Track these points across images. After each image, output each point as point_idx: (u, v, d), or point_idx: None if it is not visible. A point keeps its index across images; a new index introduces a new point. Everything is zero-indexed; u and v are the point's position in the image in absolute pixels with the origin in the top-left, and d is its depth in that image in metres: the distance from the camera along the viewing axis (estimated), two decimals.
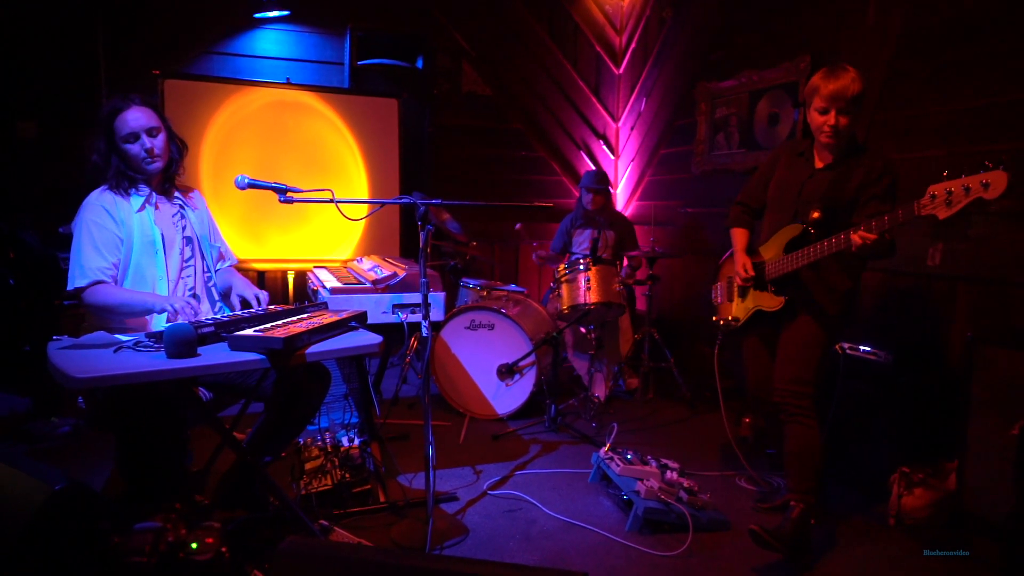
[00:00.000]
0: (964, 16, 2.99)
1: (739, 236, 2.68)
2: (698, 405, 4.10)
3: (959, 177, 1.95)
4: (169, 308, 2.11)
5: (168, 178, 2.40)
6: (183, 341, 1.71)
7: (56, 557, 1.44)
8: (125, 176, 2.26)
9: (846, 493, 2.88)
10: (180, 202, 2.41)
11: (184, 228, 2.39)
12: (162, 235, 2.31)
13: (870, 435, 2.87)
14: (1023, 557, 2.21)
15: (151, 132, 2.26)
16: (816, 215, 2.37)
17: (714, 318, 2.82)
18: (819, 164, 2.46)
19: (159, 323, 2.19)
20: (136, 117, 2.23)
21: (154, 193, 2.34)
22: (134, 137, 2.23)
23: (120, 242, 2.24)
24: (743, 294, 2.65)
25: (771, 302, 2.49)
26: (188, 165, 2.52)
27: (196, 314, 2.15)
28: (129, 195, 2.28)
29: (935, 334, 3.09)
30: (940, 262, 3.05)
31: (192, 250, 2.41)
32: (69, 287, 2.18)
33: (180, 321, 1.95)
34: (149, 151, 2.25)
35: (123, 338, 1.85)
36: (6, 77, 4.07)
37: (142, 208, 2.29)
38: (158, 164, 2.29)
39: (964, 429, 2.50)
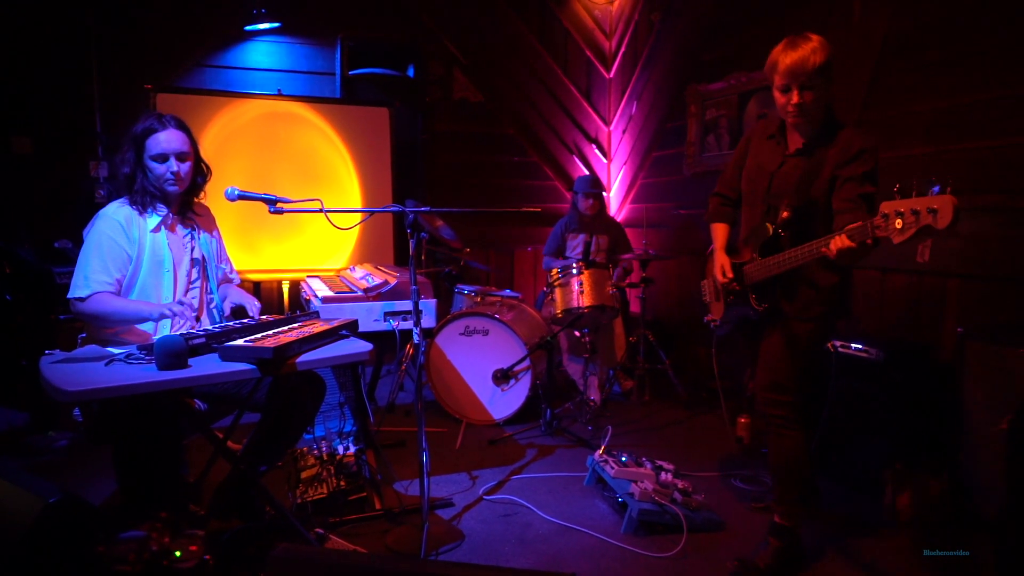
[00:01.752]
0: (948, 15, 3.02)
1: (719, 232, 2.49)
2: (694, 406, 4.11)
3: (909, 197, 1.75)
4: (168, 312, 2.12)
5: (187, 202, 2.43)
6: (173, 352, 1.73)
7: (50, 569, 1.45)
8: (148, 192, 2.29)
9: (840, 491, 2.88)
10: (193, 223, 2.44)
11: (193, 249, 2.42)
12: (172, 256, 2.34)
13: (863, 433, 2.88)
14: (1016, 552, 2.22)
15: (180, 157, 2.28)
16: (785, 215, 2.18)
17: (707, 318, 2.76)
18: (791, 148, 2.24)
19: (163, 331, 2.22)
20: (169, 140, 2.26)
21: (171, 214, 2.36)
22: (163, 158, 2.26)
23: (129, 260, 2.26)
24: (727, 295, 2.50)
25: (754, 306, 2.32)
26: None
27: (194, 312, 2.17)
28: (147, 213, 2.30)
29: (926, 330, 3.11)
30: (930, 259, 3.07)
31: (198, 272, 2.44)
32: (70, 295, 2.20)
33: (180, 325, 1.95)
34: (175, 174, 2.28)
35: (115, 351, 1.87)
36: (0, 93, 4.10)
37: (157, 229, 2.32)
38: (179, 188, 2.31)
39: (957, 425, 2.51)
